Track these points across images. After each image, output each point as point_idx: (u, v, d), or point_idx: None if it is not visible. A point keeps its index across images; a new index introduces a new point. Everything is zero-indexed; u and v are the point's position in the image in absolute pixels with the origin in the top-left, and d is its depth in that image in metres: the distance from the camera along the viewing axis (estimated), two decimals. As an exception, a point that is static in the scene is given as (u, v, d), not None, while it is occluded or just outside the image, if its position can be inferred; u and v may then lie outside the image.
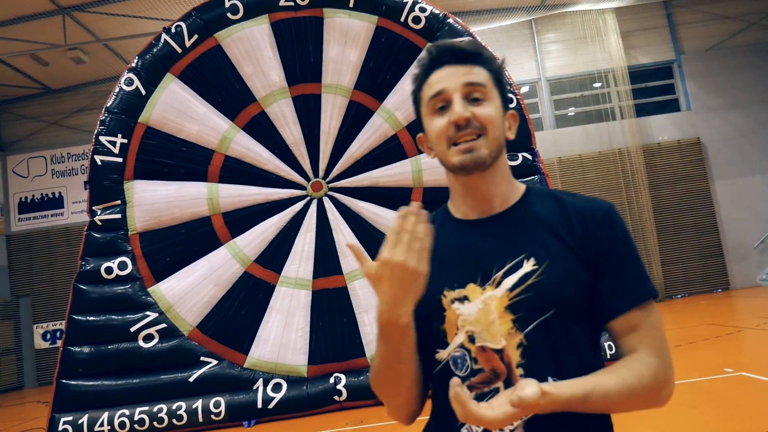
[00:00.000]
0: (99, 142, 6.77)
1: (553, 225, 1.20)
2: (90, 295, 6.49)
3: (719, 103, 15.69)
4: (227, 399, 6.24)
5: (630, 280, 1.17)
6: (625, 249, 1.19)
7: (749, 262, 15.18)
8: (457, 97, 1.19)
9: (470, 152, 1.18)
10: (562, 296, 1.14)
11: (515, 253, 1.18)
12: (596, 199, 1.25)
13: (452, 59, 1.22)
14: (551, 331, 1.14)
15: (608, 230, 1.19)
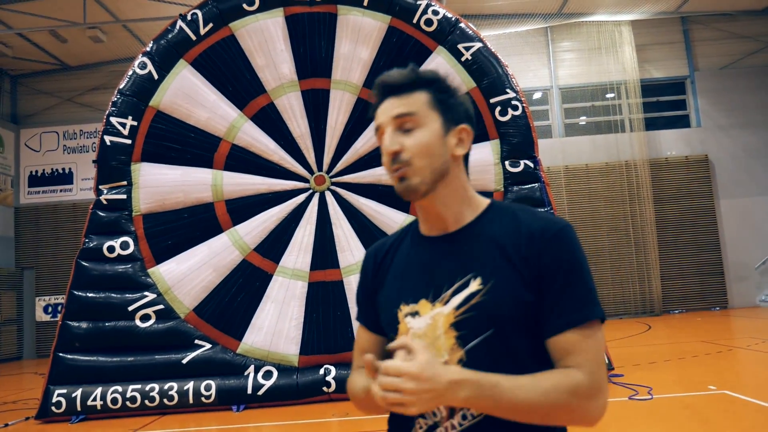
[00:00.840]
0: (109, 123, 6.90)
1: (504, 245, 1.22)
2: (91, 272, 6.63)
3: (730, 122, 15.69)
4: (218, 383, 6.37)
5: (570, 301, 1.17)
6: (569, 269, 1.18)
7: (749, 283, 15.19)
8: (388, 131, 1.24)
9: (402, 181, 1.22)
10: (502, 316, 1.17)
11: (464, 272, 1.21)
12: (552, 219, 1.25)
13: (389, 92, 1.26)
14: (492, 349, 1.17)
15: (554, 250, 1.19)
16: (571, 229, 1.22)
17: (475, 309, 1.18)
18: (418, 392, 1.03)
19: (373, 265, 1.41)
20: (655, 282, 14.72)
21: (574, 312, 1.17)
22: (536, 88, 15.95)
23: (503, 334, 1.17)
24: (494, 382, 1.08)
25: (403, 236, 1.41)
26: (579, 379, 1.12)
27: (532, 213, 1.27)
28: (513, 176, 6.85)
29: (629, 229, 15.02)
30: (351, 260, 6.87)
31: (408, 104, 1.24)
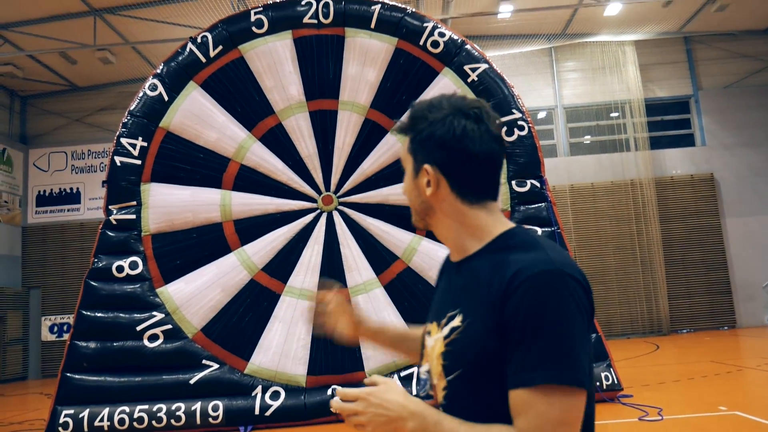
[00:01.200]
0: (120, 144, 6.97)
1: (486, 285, 1.15)
2: (100, 292, 6.66)
3: (735, 141, 15.73)
4: (226, 403, 6.36)
5: (524, 359, 1.06)
6: (529, 323, 1.06)
7: (757, 302, 15.11)
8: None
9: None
10: (468, 359, 1.16)
11: (454, 305, 1.22)
12: (536, 261, 1.11)
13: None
14: (464, 388, 1.17)
15: (518, 299, 1.08)
16: (553, 275, 1.08)
17: (452, 345, 1.20)
18: (368, 413, 1.12)
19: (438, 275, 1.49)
20: (663, 301, 14.66)
21: (526, 370, 1.05)
22: (541, 107, 16.04)
23: (468, 377, 1.16)
24: (436, 420, 1.12)
25: None
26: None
27: (527, 251, 1.14)
28: (520, 196, 6.88)
29: (635, 248, 14.99)
30: (359, 280, 6.88)
31: (400, 150, 1.37)
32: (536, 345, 1.05)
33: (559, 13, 14.32)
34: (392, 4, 7.21)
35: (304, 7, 7.16)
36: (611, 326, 14.03)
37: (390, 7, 7.15)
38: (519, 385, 1.06)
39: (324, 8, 7.13)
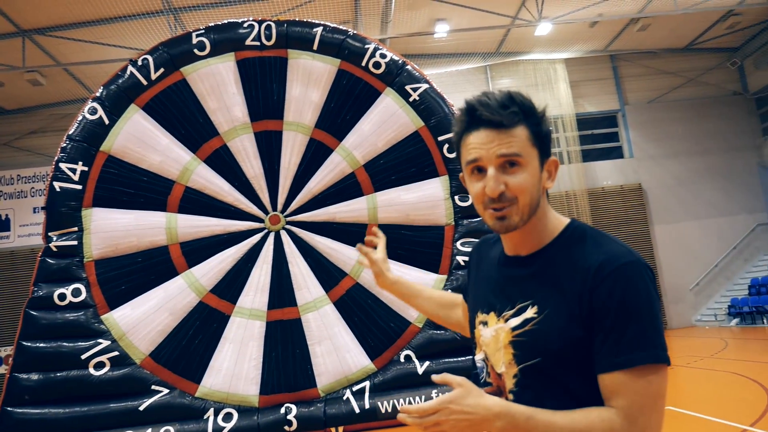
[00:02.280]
0: (59, 169, 6.82)
1: (560, 276, 1.24)
2: (41, 322, 6.46)
3: (659, 152, 16.66)
4: (177, 428, 6.26)
5: (620, 342, 1.14)
6: (622, 309, 1.15)
7: (685, 304, 15.98)
8: (491, 170, 1.23)
9: (502, 220, 1.24)
10: (549, 348, 1.20)
11: (525, 297, 1.27)
12: (618, 252, 1.21)
13: (490, 125, 1.24)
14: (540, 376, 1.22)
15: (609, 287, 1.16)
16: (636, 266, 1.18)
17: (527, 335, 1.23)
18: (450, 421, 1.10)
19: (474, 263, 1.53)
20: (599, 307, 15.26)
21: (623, 354, 1.14)
22: (478, 123, 16.51)
23: (549, 365, 1.21)
24: (528, 415, 1.13)
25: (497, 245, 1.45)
26: (615, 423, 1.12)
27: (599, 244, 1.25)
28: (463, 210, 7.11)
29: (572, 257, 15.57)
30: (308, 297, 6.94)
31: (513, 143, 1.23)
32: (630, 329, 1.15)
33: (493, 32, 14.86)
34: (333, 26, 7.37)
35: (246, 29, 7.23)
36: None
37: (332, 29, 7.31)
38: (616, 368, 1.14)
39: (266, 30, 7.22)
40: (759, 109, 17.16)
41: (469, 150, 1.27)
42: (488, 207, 1.26)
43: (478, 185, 1.26)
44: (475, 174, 1.27)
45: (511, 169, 1.24)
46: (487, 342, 1.34)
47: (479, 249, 1.53)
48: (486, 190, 1.24)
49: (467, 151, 1.28)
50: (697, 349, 11.15)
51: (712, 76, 17.13)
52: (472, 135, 1.27)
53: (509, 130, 1.24)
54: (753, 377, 7.30)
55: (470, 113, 1.27)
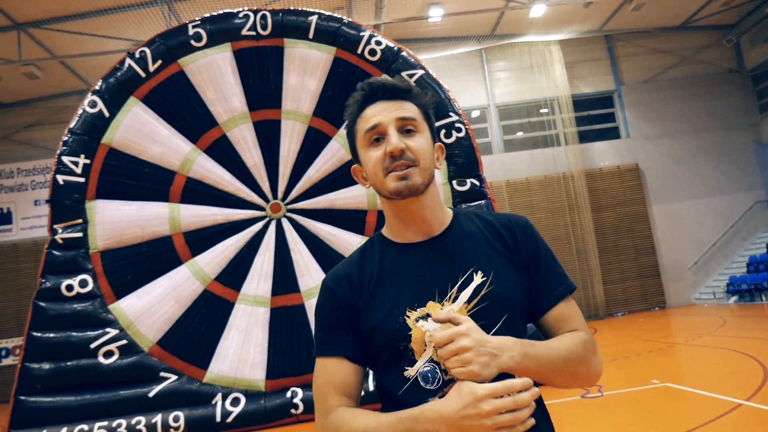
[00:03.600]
0: (61, 162, 6.91)
1: (489, 240, 1.34)
2: (49, 313, 6.59)
3: (655, 132, 16.71)
4: (186, 413, 6.42)
5: (554, 278, 1.34)
6: (545, 253, 1.36)
7: (684, 282, 16.12)
8: (392, 130, 1.28)
9: (405, 179, 1.26)
10: (512, 301, 1.27)
11: (464, 268, 1.28)
12: (513, 215, 1.42)
13: (385, 95, 1.32)
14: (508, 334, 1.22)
15: (530, 239, 1.36)
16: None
17: (487, 298, 1.25)
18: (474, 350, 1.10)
19: (349, 288, 1.34)
20: (598, 287, 15.43)
21: (559, 286, 1.34)
22: (474, 107, 16.57)
23: (513, 319, 1.27)
24: (530, 343, 1.19)
25: (374, 251, 1.39)
26: (584, 336, 1.29)
27: (490, 213, 1.44)
28: (461, 195, 7.21)
29: (570, 238, 15.71)
30: (311, 283, 7.07)
31: (409, 110, 1.32)
32: (555, 267, 1.37)
33: (487, 15, 14.86)
34: (328, 14, 7.43)
35: (242, 19, 7.28)
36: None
37: (327, 17, 7.36)
38: (558, 299, 1.33)
39: (262, 20, 7.28)
40: (755, 87, 17.18)
41: (368, 120, 1.31)
42: (390, 170, 1.28)
43: (378, 151, 1.30)
44: (374, 144, 1.31)
45: (408, 135, 1.30)
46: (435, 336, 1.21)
47: (348, 277, 1.36)
48: (388, 147, 1.27)
49: (365, 122, 1.32)
50: (695, 327, 11.31)
51: (707, 54, 17.14)
52: (369, 108, 1.33)
53: (403, 102, 1.32)
54: (751, 354, 7.44)
55: (367, 87, 1.34)
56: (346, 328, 1.33)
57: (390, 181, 1.28)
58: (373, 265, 1.36)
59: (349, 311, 1.33)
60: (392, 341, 1.26)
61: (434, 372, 1.22)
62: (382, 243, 1.39)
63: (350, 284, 1.35)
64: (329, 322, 1.35)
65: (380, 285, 1.32)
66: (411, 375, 1.23)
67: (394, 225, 1.38)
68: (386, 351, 1.27)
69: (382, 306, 1.30)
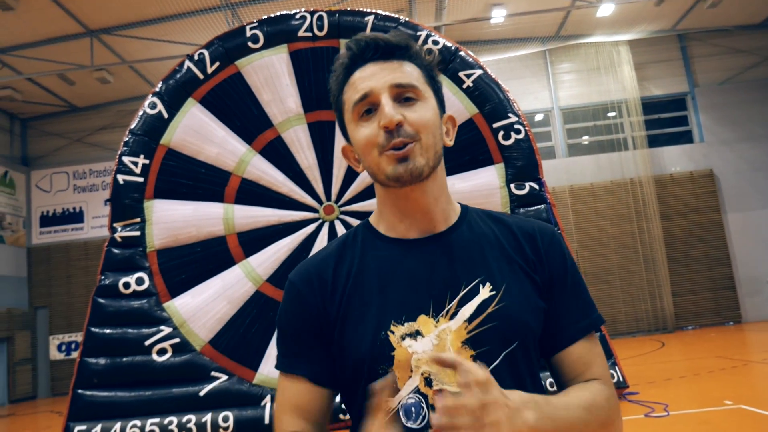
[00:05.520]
0: (122, 162, 7.06)
1: (503, 246, 1.08)
2: (107, 309, 6.73)
3: (732, 136, 15.80)
4: (236, 414, 6.41)
5: (579, 307, 1.08)
6: (573, 274, 1.10)
7: (762, 296, 15.13)
8: (385, 99, 1.02)
9: (404, 161, 1.01)
10: (526, 325, 1.02)
11: (469, 277, 1.03)
12: (539, 221, 1.16)
13: (376, 55, 1.06)
14: (517, 366, 1.01)
15: (557, 253, 1.09)
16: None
17: (495, 318, 0.99)
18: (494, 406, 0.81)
19: (320, 290, 1.09)
20: (667, 299, 14.68)
21: (584, 318, 1.08)
22: (537, 110, 16.14)
23: (525, 347, 1.02)
24: (546, 401, 0.91)
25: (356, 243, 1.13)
26: (608, 392, 1.03)
27: (513, 215, 1.18)
28: (519, 199, 6.94)
29: (637, 247, 15.04)
30: (362, 287, 6.95)
31: (408, 73, 1.06)
32: (584, 293, 1.11)
33: (552, 15, 14.44)
34: (385, 14, 7.32)
35: (299, 20, 7.26)
36: (616, 325, 14.06)
37: (383, 17, 7.25)
38: (586, 332, 1.08)
39: (318, 21, 7.24)
40: (844, 88, 16.01)
41: (357, 87, 1.06)
42: (385, 149, 1.02)
43: (369, 127, 1.04)
44: (364, 117, 1.05)
45: (407, 104, 1.04)
46: (428, 359, 0.96)
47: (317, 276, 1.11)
48: (381, 120, 1.01)
49: (354, 90, 1.06)
50: (773, 343, 10.57)
51: (790, 53, 16.10)
52: (357, 73, 1.07)
53: (401, 63, 1.06)
54: (835, 374, 6.85)
55: (354, 46, 1.08)
56: (311, 341, 1.08)
57: (386, 164, 1.02)
58: (353, 260, 1.09)
59: (317, 320, 1.07)
60: (370, 362, 1.00)
61: (419, 406, 0.97)
62: (368, 234, 1.13)
63: (321, 284, 1.09)
64: (291, 332, 1.10)
65: (359, 287, 1.06)
66: (391, 407, 0.97)
67: (385, 214, 1.12)
68: (361, 374, 1.01)
69: (361, 316, 1.04)
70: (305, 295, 1.10)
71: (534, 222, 1.14)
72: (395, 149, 1.01)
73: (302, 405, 1.06)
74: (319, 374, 1.07)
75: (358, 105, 1.06)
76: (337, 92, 1.13)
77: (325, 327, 1.07)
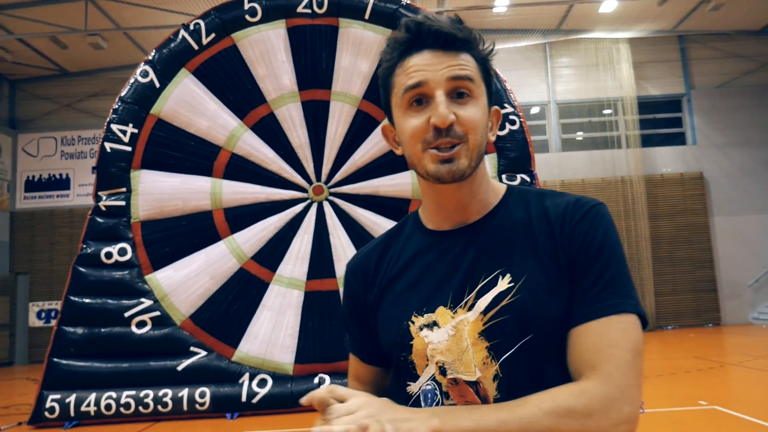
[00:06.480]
0: (110, 130, 6.94)
1: (533, 232, 1.04)
2: (88, 278, 6.65)
3: (725, 140, 15.83)
4: (213, 390, 6.38)
5: (599, 288, 0.97)
6: (600, 252, 0.99)
7: (742, 300, 15.27)
8: (440, 94, 1.00)
9: (449, 162, 1.00)
10: (543, 317, 0.97)
11: (490, 268, 1.02)
12: (584, 198, 1.06)
13: (436, 44, 1.02)
14: (533, 359, 0.97)
15: (585, 228, 1.01)
16: (606, 208, 1.05)
17: (510, 311, 0.98)
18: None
19: (362, 280, 1.17)
20: (649, 298, 14.78)
21: (603, 300, 0.96)
22: (534, 102, 16.07)
23: (543, 340, 0.98)
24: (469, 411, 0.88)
25: (401, 235, 1.18)
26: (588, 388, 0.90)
27: (560, 194, 1.10)
28: (510, 190, 6.90)
29: (624, 245, 15.06)
30: (347, 270, 6.91)
31: (466, 67, 1.02)
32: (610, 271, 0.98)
33: (555, 8, 14.33)
34: (387, -5, 7.20)
35: (299, -4, 7.13)
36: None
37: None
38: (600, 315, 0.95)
39: (318, -2, 7.11)
40: (838, 99, 16.07)
41: (410, 74, 1.01)
42: (431, 146, 1.00)
43: (418, 119, 1.01)
44: (414, 107, 1.02)
45: (460, 100, 1.01)
46: (443, 348, 1.00)
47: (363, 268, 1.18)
48: (432, 118, 0.99)
49: (406, 76, 1.02)
50: (751, 347, 10.65)
51: (788, 61, 16.13)
52: (413, 57, 1.02)
53: (459, 54, 1.02)
54: (810, 381, 6.92)
55: (414, 29, 1.02)
56: (357, 325, 1.20)
57: (429, 161, 1.01)
58: (395, 251, 1.15)
59: (360, 306, 1.18)
60: (394, 350, 1.09)
61: (434, 393, 1.03)
62: (413, 224, 1.17)
63: (363, 274, 1.17)
64: (345, 316, 1.25)
65: (395, 278, 1.12)
66: (413, 392, 1.06)
67: (425, 204, 1.15)
68: (391, 359, 1.11)
69: (390, 306, 1.11)
70: (351, 284, 1.21)
71: (574, 200, 1.06)
72: (441, 150, 1.00)
73: (361, 377, 1.23)
74: (365, 354, 1.21)
75: (409, 92, 1.03)
76: (387, 72, 1.08)
77: (365, 314, 1.16)
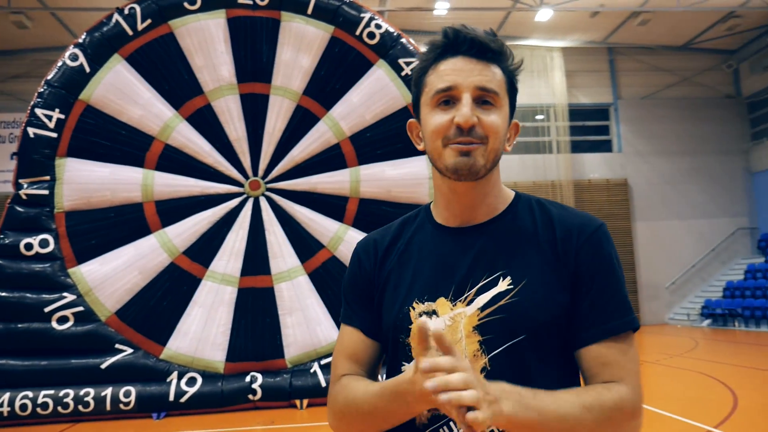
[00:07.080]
0: (34, 115, 6.58)
1: (538, 239, 1.12)
2: (5, 270, 6.29)
3: (648, 149, 16.64)
4: (138, 389, 6.16)
5: (608, 308, 1.07)
6: (608, 273, 1.09)
7: (660, 301, 16.11)
8: (467, 98, 1.07)
9: (467, 156, 1.07)
10: (536, 321, 1.06)
11: (492, 269, 1.10)
12: (587, 216, 1.16)
13: (470, 51, 1.10)
14: (521, 358, 1.06)
15: (593, 250, 1.10)
16: (607, 230, 1.14)
17: (504, 311, 1.06)
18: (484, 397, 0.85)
19: (374, 259, 1.25)
20: (574, 298, 15.34)
21: (612, 320, 1.07)
22: (470, 105, 16.35)
23: (534, 342, 1.06)
24: (533, 393, 0.95)
25: (413, 224, 1.27)
26: (624, 394, 1.01)
27: (563, 207, 1.19)
28: (446, 191, 7.00)
29: (552, 247, 15.59)
30: (283, 267, 6.83)
31: (493, 79, 1.10)
32: (616, 294, 1.09)
33: (494, 14, 14.63)
34: (330, -9, 7.15)
35: (240, -14, 6.98)
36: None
37: (328, -6, 7.08)
38: (605, 336, 1.06)
39: (260, -11, 6.98)
40: (750, 114, 17.16)
41: (442, 77, 1.10)
42: (452, 141, 1.08)
43: (443, 117, 1.09)
44: (441, 107, 1.10)
45: (484, 107, 1.09)
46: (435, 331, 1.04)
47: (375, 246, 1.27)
48: (456, 117, 1.07)
49: (438, 78, 1.10)
50: (667, 347, 11.24)
51: (706, 77, 17.09)
52: (447, 62, 1.11)
53: (489, 65, 1.10)
54: (721, 379, 7.34)
55: (451, 35, 1.11)
56: (364, 299, 1.25)
57: (449, 155, 1.09)
58: (405, 239, 1.24)
59: (368, 283, 1.25)
60: (392, 330, 1.16)
61: None
62: (424, 216, 1.26)
63: (375, 253, 1.26)
64: (351, 290, 1.27)
65: (401, 264, 1.21)
66: None
67: (437, 199, 1.22)
68: (389, 339, 1.19)
69: (394, 289, 1.19)
70: (362, 260, 1.26)
71: (580, 217, 1.15)
72: (461, 144, 1.08)
73: (356, 353, 1.22)
74: (370, 328, 1.22)
75: (439, 94, 1.10)
76: (421, 72, 1.16)
77: (372, 290, 1.23)
